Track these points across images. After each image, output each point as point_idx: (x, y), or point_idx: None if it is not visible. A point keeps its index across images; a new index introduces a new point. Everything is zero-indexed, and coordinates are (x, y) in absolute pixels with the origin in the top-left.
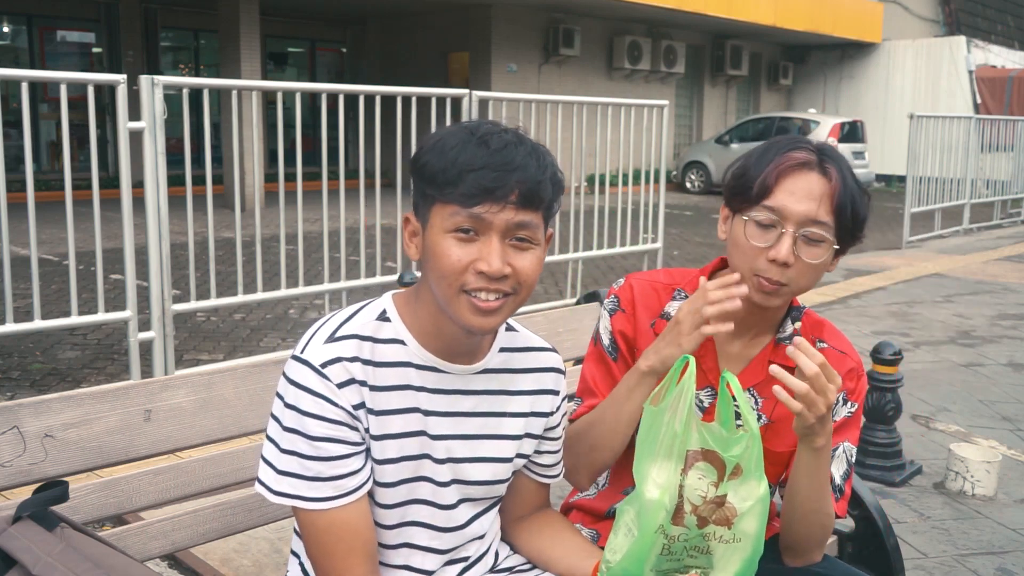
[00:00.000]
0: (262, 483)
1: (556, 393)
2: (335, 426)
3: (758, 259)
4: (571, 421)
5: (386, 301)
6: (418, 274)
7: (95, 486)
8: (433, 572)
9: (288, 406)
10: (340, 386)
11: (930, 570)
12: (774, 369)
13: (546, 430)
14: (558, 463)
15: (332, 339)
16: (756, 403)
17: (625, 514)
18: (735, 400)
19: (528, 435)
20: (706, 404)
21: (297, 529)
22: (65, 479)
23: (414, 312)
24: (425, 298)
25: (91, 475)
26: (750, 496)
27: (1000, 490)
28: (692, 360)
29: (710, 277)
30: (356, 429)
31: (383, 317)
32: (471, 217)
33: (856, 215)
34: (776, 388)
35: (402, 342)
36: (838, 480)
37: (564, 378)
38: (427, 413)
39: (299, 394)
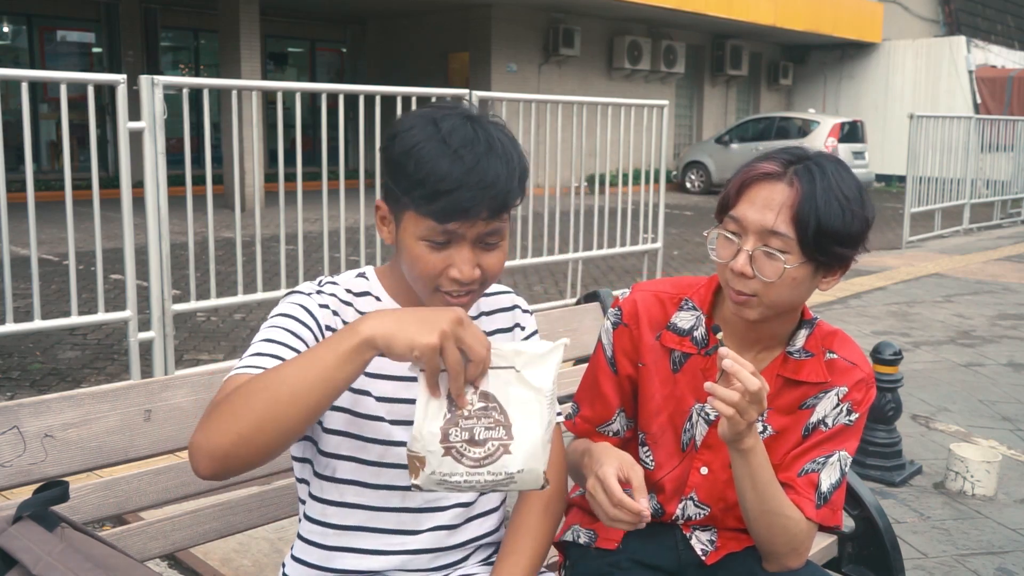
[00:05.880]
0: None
1: (523, 328)
2: (302, 327)
3: (726, 270)
4: (569, 430)
5: (366, 267)
6: None
7: (95, 486)
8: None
9: (270, 317)
10: (320, 306)
11: (930, 570)
12: (708, 386)
13: None
14: None
15: (319, 284)
16: (762, 415)
17: None
18: None
19: None
20: (712, 416)
21: (300, 477)
22: (65, 479)
23: (390, 278)
24: (400, 272)
25: (91, 475)
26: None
27: (1000, 490)
28: None
29: (716, 289)
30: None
31: (361, 275)
32: (444, 232)
33: (822, 226)
34: (709, 385)
35: (377, 297)
36: (825, 487)
37: (531, 316)
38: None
39: (284, 304)
